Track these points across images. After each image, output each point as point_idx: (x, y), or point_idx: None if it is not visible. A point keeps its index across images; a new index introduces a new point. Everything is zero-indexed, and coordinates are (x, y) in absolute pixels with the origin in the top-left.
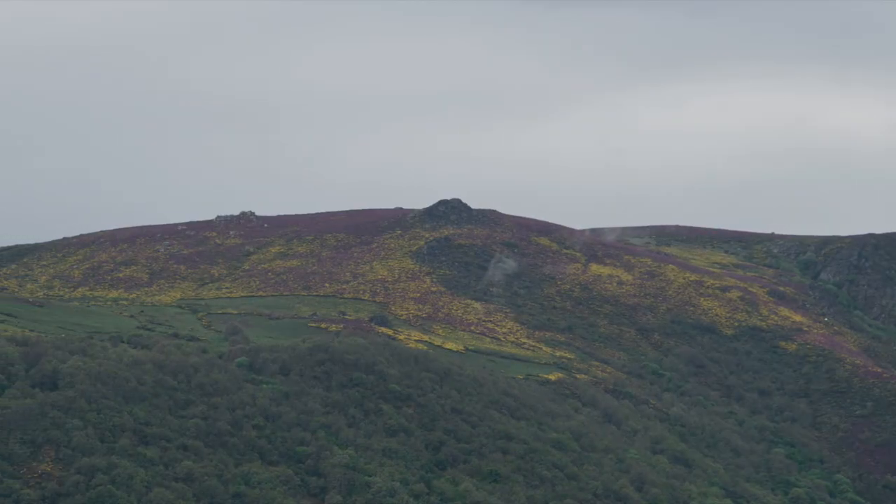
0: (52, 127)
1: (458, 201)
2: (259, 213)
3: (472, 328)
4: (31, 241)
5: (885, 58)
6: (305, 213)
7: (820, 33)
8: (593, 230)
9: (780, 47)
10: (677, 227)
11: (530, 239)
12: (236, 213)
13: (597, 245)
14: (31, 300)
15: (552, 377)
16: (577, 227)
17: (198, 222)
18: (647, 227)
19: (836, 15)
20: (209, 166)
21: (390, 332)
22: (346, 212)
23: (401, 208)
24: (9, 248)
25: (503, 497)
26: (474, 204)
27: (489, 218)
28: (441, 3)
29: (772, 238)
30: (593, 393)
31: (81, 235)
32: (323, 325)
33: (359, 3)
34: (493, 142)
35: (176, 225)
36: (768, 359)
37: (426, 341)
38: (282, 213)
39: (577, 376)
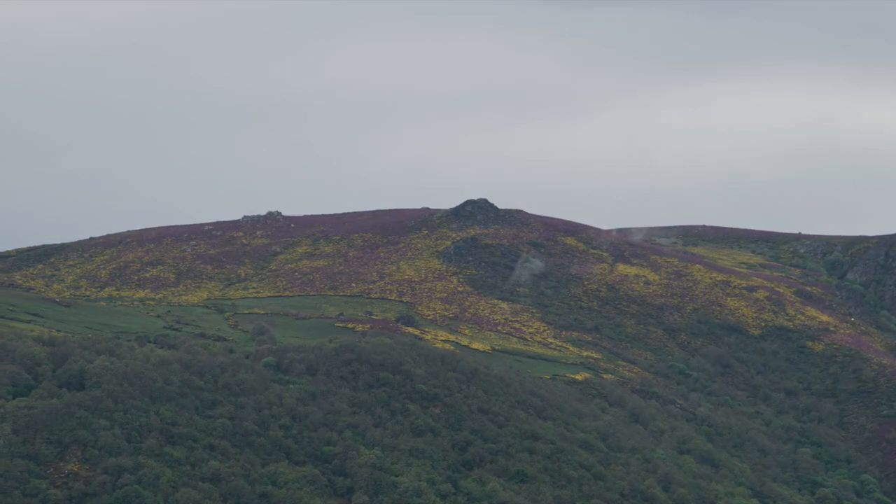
0: (79, 127)
1: (485, 201)
2: (286, 213)
3: (499, 328)
4: (58, 241)
5: None
6: (332, 213)
7: (845, 33)
8: (620, 230)
9: (805, 47)
10: (704, 227)
11: (557, 239)
12: (263, 213)
13: (623, 245)
14: (57, 300)
15: (579, 377)
16: (604, 226)
17: (224, 222)
18: (674, 227)
19: (861, 15)
20: (236, 166)
21: (417, 332)
22: (373, 212)
23: (427, 208)
24: (36, 248)
25: (530, 497)
26: (501, 204)
27: (516, 218)
28: (468, 4)
29: (798, 238)
30: (620, 393)
31: (108, 235)
32: (349, 325)
33: (385, 3)
34: (519, 142)
35: (203, 225)
36: (795, 359)
37: (453, 341)
38: (308, 213)
39: (604, 376)
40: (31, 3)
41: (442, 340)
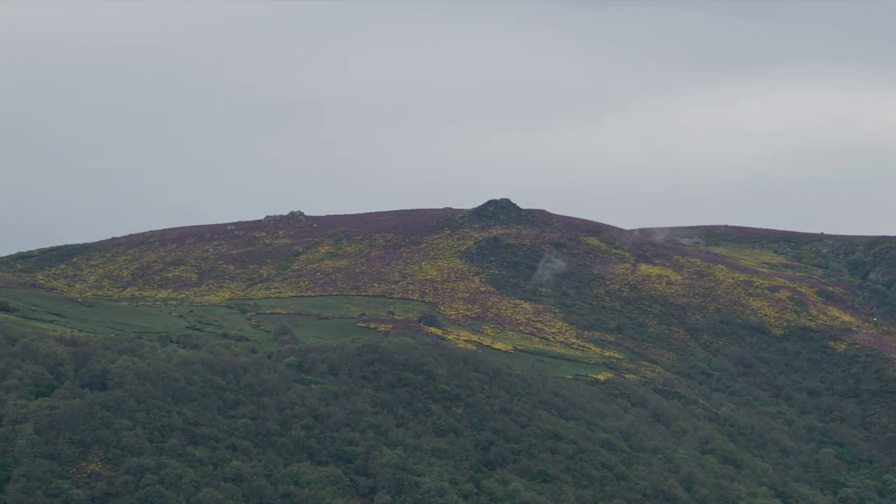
0: (103, 127)
1: (507, 201)
2: (308, 212)
3: (521, 328)
4: (81, 241)
5: None
6: (354, 213)
7: (869, 33)
8: (642, 230)
9: (829, 47)
10: (726, 226)
11: (579, 239)
12: (285, 213)
13: (646, 245)
14: (80, 300)
15: (601, 377)
16: (626, 226)
17: (247, 222)
18: (697, 226)
19: (885, 14)
20: (259, 166)
21: (439, 332)
22: (395, 212)
23: (450, 208)
24: (58, 248)
25: (552, 497)
26: (523, 204)
27: (538, 218)
28: (493, 4)
29: (821, 238)
30: (642, 393)
31: (130, 235)
32: (372, 325)
33: (409, 3)
34: (542, 142)
35: (225, 225)
36: (817, 359)
37: (475, 341)
38: (331, 212)
39: (626, 376)
40: (57, 3)
41: (464, 340)
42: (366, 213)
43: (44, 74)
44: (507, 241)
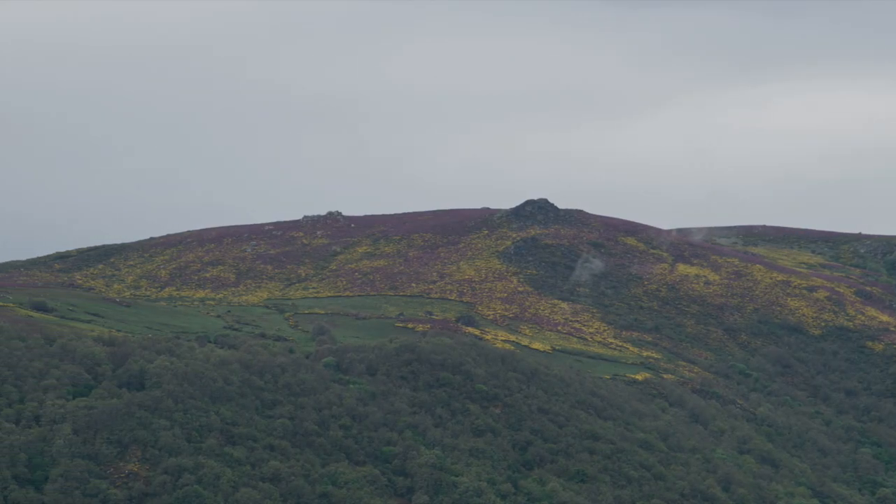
0: (142, 127)
1: (545, 201)
2: (346, 213)
3: (559, 328)
4: (119, 241)
5: None
6: (392, 212)
7: None
8: (680, 230)
9: (868, 46)
10: (764, 226)
11: (617, 239)
12: (323, 213)
13: (684, 245)
14: (118, 300)
15: (639, 377)
16: (664, 226)
17: (285, 222)
18: (734, 226)
19: None
20: (297, 166)
21: (477, 332)
22: (433, 212)
23: (488, 208)
24: (96, 248)
25: (590, 497)
26: (561, 204)
27: (576, 218)
28: (530, 4)
29: (859, 238)
30: (680, 393)
31: (168, 235)
32: (410, 325)
33: (448, 2)
34: (580, 142)
35: (263, 225)
36: (855, 359)
37: (513, 341)
38: (369, 212)
39: (664, 376)
40: (93, 3)
41: (502, 340)
42: (404, 213)
43: (78, 75)
44: (544, 240)
